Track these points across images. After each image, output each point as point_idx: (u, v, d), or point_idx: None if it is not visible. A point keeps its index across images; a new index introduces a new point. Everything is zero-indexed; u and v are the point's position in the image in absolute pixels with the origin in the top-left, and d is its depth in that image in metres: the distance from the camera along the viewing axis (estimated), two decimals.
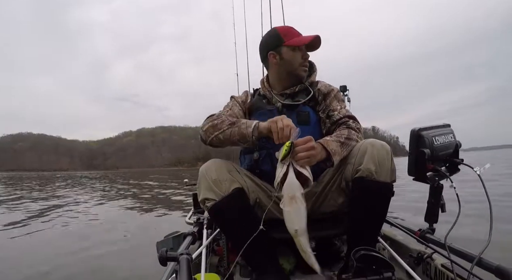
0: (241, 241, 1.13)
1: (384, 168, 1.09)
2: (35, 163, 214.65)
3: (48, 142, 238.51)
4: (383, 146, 1.12)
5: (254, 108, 1.40)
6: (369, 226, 1.15)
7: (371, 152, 1.10)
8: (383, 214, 1.16)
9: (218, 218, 1.18)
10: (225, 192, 1.12)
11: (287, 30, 1.36)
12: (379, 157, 1.09)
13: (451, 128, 1.22)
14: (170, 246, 1.53)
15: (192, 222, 1.76)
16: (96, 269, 2.56)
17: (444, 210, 1.17)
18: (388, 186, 1.11)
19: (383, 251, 1.33)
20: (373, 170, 1.08)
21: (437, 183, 1.13)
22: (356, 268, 0.97)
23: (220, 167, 1.17)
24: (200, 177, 1.17)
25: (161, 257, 0.89)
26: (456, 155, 1.19)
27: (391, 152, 1.13)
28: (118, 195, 10.26)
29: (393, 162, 1.13)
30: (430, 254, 1.20)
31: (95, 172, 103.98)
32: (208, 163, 1.20)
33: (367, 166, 1.09)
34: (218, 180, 1.13)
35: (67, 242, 3.64)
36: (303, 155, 1.00)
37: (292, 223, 1.00)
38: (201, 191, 1.15)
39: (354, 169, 1.13)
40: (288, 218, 1.00)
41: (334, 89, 1.39)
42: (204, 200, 1.15)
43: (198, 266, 1.11)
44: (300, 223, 0.99)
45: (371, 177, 1.09)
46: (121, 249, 3.20)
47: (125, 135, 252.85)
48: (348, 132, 1.19)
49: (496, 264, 0.90)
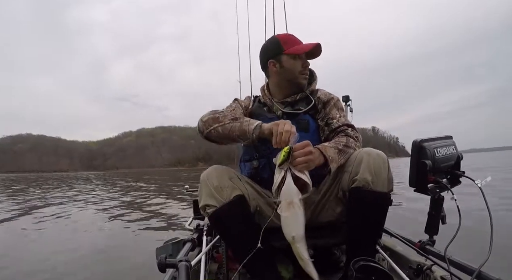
0: (240, 248, 1.12)
1: (381, 177, 1.09)
2: (35, 165, 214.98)
3: (48, 143, 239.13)
4: (379, 155, 1.13)
5: (254, 115, 1.40)
6: (366, 236, 1.15)
7: (367, 161, 1.10)
8: (380, 224, 1.16)
9: (219, 225, 1.18)
10: (226, 199, 1.12)
11: (287, 38, 1.36)
12: (375, 166, 1.10)
13: (453, 140, 1.22)
14: (169, 253, 1.53)
15: (192, 228, 1.75)
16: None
17: (444, 222, 1.17)
18: (385, 196, 1.11)
19: (383, 261, 1.33)
20: (370, 180, 1.08)
21: (438, 195, 1.13)
22: (355, 278, 0.96)
23: (221, 174, 1.18)
24: (201, 183, 1.17)
25: (160, 264, 0.89)
26: (458, 167, 1.20)
27: (387, 161, 1.13)
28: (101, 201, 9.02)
29: (390, 171, 1.13)
30: (429, 266, 1.19)
31: (94, 172, 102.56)
32: (209, 169, 1.20)
33: (363, 176, 1.09)
34: (219, 187, 1.14)
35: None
36: (301, 159, 1.00)
37: (289, 229, 0.99)
38: (202, 197, 1.15)
39: (351, 179, 1.13)
40: (285, 224, 1.00)
41: (334, 98, 1.40)
42: (205, 206, 1.15)
43: (197, 273, 1.11)
44: (297, 230, 0.99)
45: (368, 187, 1.09)
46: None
47: (125, 136, 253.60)
48: (346, 140, 1.20)
49: (496, 278, 0.90)
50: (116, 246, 3.69)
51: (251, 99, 1.51)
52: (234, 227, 1.14)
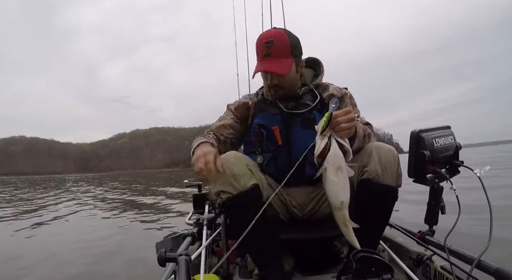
0: (249, 237, 1.12)
1: (391, 171, 1.09)
2: (29, 167, 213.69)
3: (42, 145, 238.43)
4: (391, 150, 1.12)
5: (258, 109, 1.36)
6: (372, 229, 1.13)
7: (377, 154, 1.10)
8: (386, 217, 1.16)
9: (231, 212, 1.16)
10: (243, 186, 1.09)
11: (257, 49, 1.26)
12: (386, 160, 1.09)
13: (451, 130, 1.22)
14: (169, 247, 1.53)
15: (192, 222, 1.76)
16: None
17: (444, 212, 1.17)
18: (393, 190, 1.11)
19: (383, 253, 1.33)
20: (380, 173, 1.08)
21: (437, 185, 1.13)
22: (356, 270, 0.96)
23: (240, 160, 1.14)
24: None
25: (160, 258, 0.89)
26: (456, 157, 1.19)
27: (398, 157, 1.12)
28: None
29: (399, 167, 1.12)
30: (429, 256, 1.20)
31: (89, 174, 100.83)
32: (227, 154, 1.16)
33: (373, 168, 1.08)
34: (237, 174, 1.10)
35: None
36: (345, 126, 0.98)
37: (337, 194, 0.97)
38: (217, 182, 1.12)
39: (361, 171, 1.12)
40: (333, 189, 0.98)
41: (347, 93, 1.35)
42: (220, 192, 1.11)
43: (198, 267, 1.11)
44: (346, 195, 0.97)
45: (377, 180, 1.08)
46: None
47: (119, 137, 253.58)
48: (370, 131, 1.20)
49: (496, 267, 0.90)
50: (116, 242, 3.69)
51: (254, 94, 1.45)
52: (246, 216, 1.09)
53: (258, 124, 1.31)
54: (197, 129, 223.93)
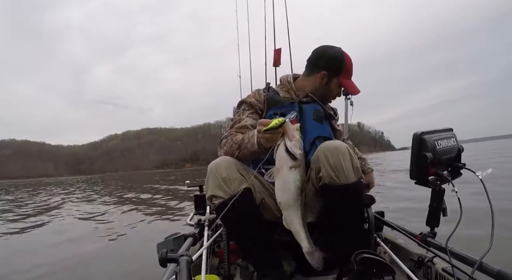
0: (244, 240, 1.13)
1: (343, 170, 1.11)
2: (20, 170, 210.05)
3: (32, 148, 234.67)
4: (337, 147, 1.13)
5: (273, 102, 1.40)
6: (348, 228, 1.18)
7: (325, 156, 1.12)
8: (358, 214, 1.22)
9: (224, 217, 1.18)
10: (234, 191, 1.12)
11: (349, 66, 1.39)
12: (334, 160, 1.11)
13: (453, 132, 1.22)
14: (170, 247, 1.53)
15: (193, 223, 1.76)
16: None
17: (445, 214, 1.17)
18: (353, 186, 1.13)
19: (384, 254, 1.33)
20: (333, 175, 1.10)
21: (439, 187, 1.13)
22: (357, 271, 0.96)
23: (230, 165, 1.17)
24: (209, 174, 1.16)
25: (161, 258, 0.89)
26: (459, 159, 1.19)
27: (348, 150, 1.13)
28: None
29: (353, 160, 1.13)
30: (431, 258, 1.19)
31: (80, 177, 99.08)
32: (218, 160, 1.20)
33: (325, 172, 1.11)
34: (227, 178, 1.14)
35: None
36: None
37: (276, 194, 1.03)
38: (209, 188, 1.15)
39: (318, 177, 1.15)
40: (275, 189, 1.04)
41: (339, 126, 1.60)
42: (212, 197, 1.15)
43: (199, 267, 1.11)
44: (285, 196, 1.00)
45: (334, 182, 1.10)
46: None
47: (110, 139, 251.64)
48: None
49: (497, 269, 0.90)
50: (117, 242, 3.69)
51: (264, 89, 1.49)
52: (240, 220, 1.15)
53: (276, 112, 1.34)
54: (189, 129, 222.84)
